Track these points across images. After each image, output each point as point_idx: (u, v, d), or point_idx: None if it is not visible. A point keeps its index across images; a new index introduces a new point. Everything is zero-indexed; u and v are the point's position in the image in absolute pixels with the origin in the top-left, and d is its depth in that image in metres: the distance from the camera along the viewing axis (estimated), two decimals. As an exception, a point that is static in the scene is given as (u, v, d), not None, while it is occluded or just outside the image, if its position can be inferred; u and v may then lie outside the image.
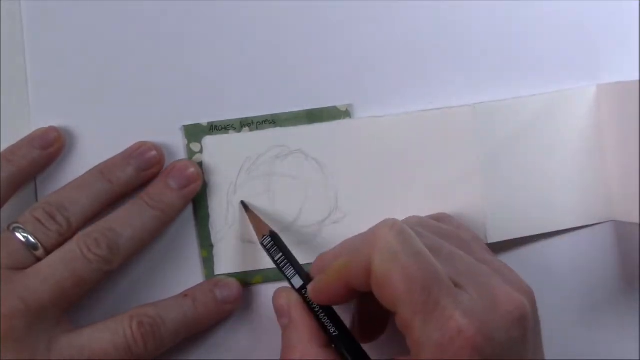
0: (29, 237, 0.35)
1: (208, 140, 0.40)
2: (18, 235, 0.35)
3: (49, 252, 0.35)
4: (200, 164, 0.39)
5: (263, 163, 0.40)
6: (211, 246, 0.39)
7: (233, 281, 0.39)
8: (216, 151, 0.40)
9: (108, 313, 0.36)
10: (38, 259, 0.35)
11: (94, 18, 0.39)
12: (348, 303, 0.36)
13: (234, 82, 0.40)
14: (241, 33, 0.40)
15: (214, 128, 0.40)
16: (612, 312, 0.41)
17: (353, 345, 0.34)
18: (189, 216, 0.39)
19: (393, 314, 0.31)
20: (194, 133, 0.39)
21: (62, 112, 0.39)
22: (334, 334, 0.34)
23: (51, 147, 0.38)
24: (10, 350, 0.33)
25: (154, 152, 0.38)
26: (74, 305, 0.36)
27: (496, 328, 0.30)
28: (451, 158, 0.40)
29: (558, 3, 0.41)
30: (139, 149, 0.38)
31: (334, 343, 0.34)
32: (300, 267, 0.36)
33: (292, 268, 0.36)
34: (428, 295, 0.29)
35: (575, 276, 0.41)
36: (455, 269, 0.31)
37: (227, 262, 0.39)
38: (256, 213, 0.39)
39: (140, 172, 0.38)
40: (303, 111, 0.40)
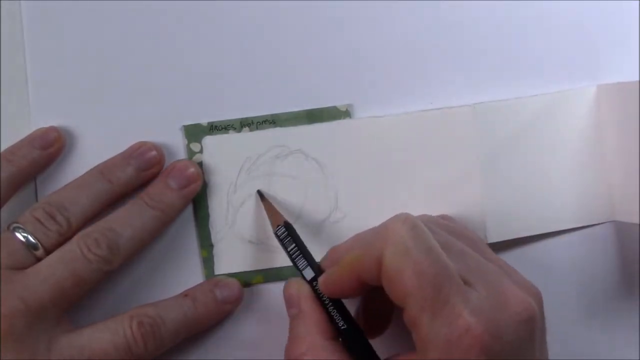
0: (29, 237, 0.35)
1: (208, 140, 0.40)
2: (18, 235, 0.35)
3: (49, 252, 0.35)
4: (200, 164, 0.39)
5: (263, 163, 0.40)
6: (211, 246, 0.39)
7: (233, 281, 0.39)
8: (216, 151, 0.40)
9: (108, 313, 0.36)
10: (38, 259, 0.35)
11: (94, 18, 0.39)
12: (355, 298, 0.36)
13: (234, 82, 0.40)
14: (241, 33, 0.40)
15: (214, 128, 0.40)
16: (612, 312, 0.41)
17: (361, 339, 0.34)
18: (189, 216, 0.39)
19: (401, 310, 0.31)
20: (194, 133, 0.39)
21: (62, 112, 0.39)
22: (343, 328, 0.34)
23: (51, 147, 0.38)
24: (10, 350, 0.33)
25: (154, 152, 0.38)
26: (74, 305, 0.36)
27: (504, 328, 0.30)
28: (451, 158, 0.40)
29: (558, 3, 0.41)
30: (139, 149, 0.38)
31: (342, 336, 0.34)
32: (312, 259, 0.36)
33: (305, 259, 0.36)
34: (438, 291, 0.29)
35: (575, 276, 0.41)
36: (465, 267, 0.31)
37: (227, 262, 0.39)
38: (272, 203, 0.39)
39: (140, 172, 0.38)
40: (303, 111, 0.40)
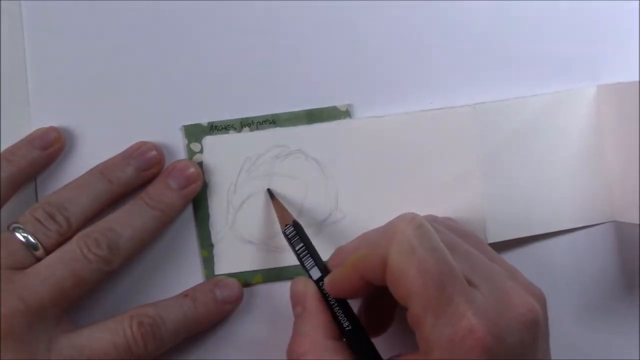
0: (29, 237, 0.35)
1: (208, 140, 0.39)
2: (18, 235, 0.35)
3: (49, 252, 0.35)
4: (200, 164, 0.39)
5: (263, 163, 0.40)
6: (211, 246, 0.39)
7: (233, 281, 0.39)
8: (216, 151, 0.39)
9: (108, 313, 0.36)
10: (38, 259, 0.35)
11: (94, 18, 0.39)
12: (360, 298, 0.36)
13: (234, 82, 0.40)
14: (241, 33, 0.40)
15: (214, 128, 0.40)
16: (612, 312, 0.41)
17: (365, 340, 0.34)
18: (189, 216, 0.39)
19: (404, 310, 0.31)
20: (194, 133, 0.39)
21: (62, 112, 0.39)
22: (347, 328, 0.34)
23: (51, 147, 0.38)
24: (10, 350, 0.33)
25: (154, 152, 0.38)
26: (74, 305, 0.36)
27: (507, 330, 0.30)
28: (451, 158, 0.40)
29: (558, 3, 0.41)
30: (139, 149, 0.38)
31: (346, 337, 0.34)
32: (319, 259, 0.36)
33: (312, 259, 0.36)
34: (442, 291, 0.29)
35: (575, 276, 0.41)
36: (470, 268, 0.31)
37: (227, 262, 0.39)
38: (281, 202, 0.39)
39: (140, 172, 0.38)
40: (303, 111, 0.40)
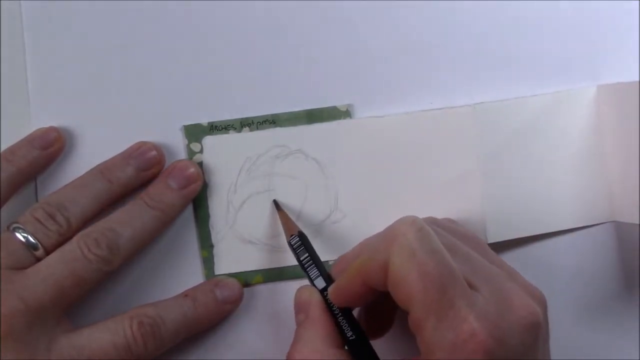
0: (29, 237, 0.35)
1: (208, 140, 0.39)
2: (18, 235, 0.35)
3: (49, 252, 0.35)
4: (200, 164, 0.39)
5: (263, 163, 0.40)
6: (211, 246, 0.39)
7: (233, 281, 0.39)
8: (216, 151, 0.39)
9: (108, 313, 0.36)
10: (38, 259, 0.35)
11: (94, 18, 0.39)
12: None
13: (234, 82, 0.40)
14: (241, 33, 0.40)
15: (214, 128, 0.40)
16: (612, 312, 0.41)
17: (368, 350, 0.34)
18: (189, 216, 0.39)
19: (405, 314, 0.31)
20: (194, 133, 0.39)
21: (62, 112, 0.39)
22: (351, 338, 0.34)
23: (51, 147, 0.38)
24: (10, 350, 0.33)
25: (154, 152, 0.38)
26: (74, 305, 0.36)
27: (509, 333, 0.30)
28: (451, 158, 0.40)
29: (558, 3, 0.41)
30: (139, 149, 0.38)
31: (349, 347, 0.34)
32: (324, 269, 0.36)
33: (317, 269, 0.36)
34: (443, 294, 0.29)
35: (575, 276, 0.41)
36: (470, 270, 0.31)
37: (227, 262, 0.39)
38: (287, 213, 0.39)
39: (140, 172, 0.38)
40: (303, 111, 0.40)
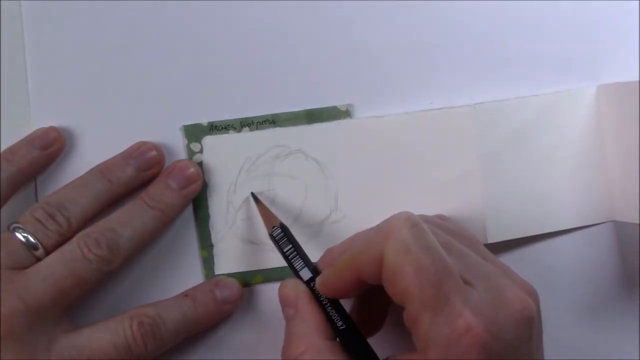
0: (29, 237, 0.35)
1: (208, 140, 0.40)
2: (18, 235, 0.35)
3: (49, 252, 0.35)
4: (200, 164, 0.39)
5: (263, 163, 0.40)
6: (211, 246, 0.39)
7: (233, 281, 0.39)
8: (216, 151, 0.39)
9: (108, 313, 0.36)
10: (38, 259, 0.35)
11: (94, 18, 0.39)
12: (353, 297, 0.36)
13: (234, 82, 0.40)
14: (241, 33, 0.40)
15: (214, 128, 0.40)
16: (612, 312, 0.41)
17: (359, 339, 0.34)
18: (189, 216, 0.39)
19: (400, 309, 0.31)
20: (194, 133, 0.39)
21: (62, 112, 0.39)
22: (341, 328, 0.34)
23: (51, 147, 0.38)
24: (10, 350, 0.33)
25: (154, 152, 0.38)
26: (74, 305, 0.36)
27: (504, 327, 0.30)
28: (451, 158, 0.40)
29: (558, 3, 0.41)
30: (139, 149, 0.38)
31: (340, 337, 0.34)
32: (308, 260, 0.36)
33: (301, 260, 0.36)
34: (438, 289, 0.30)
35: (575, 276, 0.41)
36: (465, 267, 0.32)
37: (227, 262, 0.39)
38: (266, 205, 0.39)
39: (140, 172, 0.38)
40: (303, 111, 0.40)
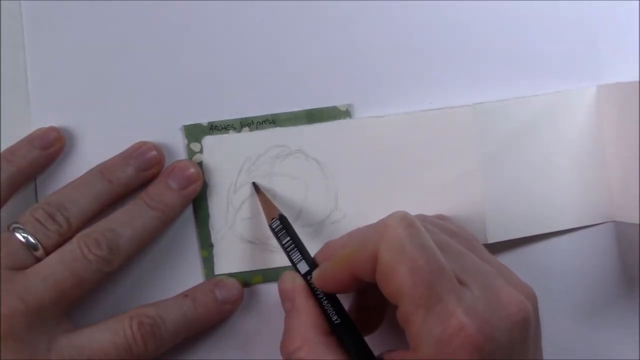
0: (29, 238, 0.35)
1: (208, 140, 0.39)
2: (18, 235, 0.35)
3: (49, 253, 0.35)
4: (200, 164, 0.39)
5: (263, 163, 0.40)
6: (211, 246, 0.39)
7: (233, 281, 0.39)
8: (216, 151, 0.39)
9: (108, 313, 0.37)
10: (38, 259, 0.35)
11: (94, 18, 0.39)
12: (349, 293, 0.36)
13: (234, 82, 0.40)
14: (241, 33, 0.40)
15: (214, 128, 0.40)
16: (612, 312, 0.41)
17: (354, 334, 0.34)
18: (189, 216, 0.39)
19: (394, 307, 0.31)
20: (194, 133, 0.39)
21: (62, 112, 0.39)
22: (336, 322, 0.34)
23: (51, 147, 0.38)
24: (10, 350, 0.33)
25: (154, 152, 0.38)
26: (74, 305, 0.36)
27: (498, 328, 0.30)
28: (451, 158, 0.40)
29: (558, 3, 0.41)
30: (139, 149, 0.38)
31: (336, 331, 0.34)
32: (307, 253, 0.36)
33: (299, 253, 0.36)
34: (431, 288, 0.30)
35: (575, 276, 0.41)
36: (460, 267, 0.32)
37: (227, 262, 0.39)
38: (267, 196, 0.39)
39: (140, 172, 0.38)
40: (303, 111, 0.40)
